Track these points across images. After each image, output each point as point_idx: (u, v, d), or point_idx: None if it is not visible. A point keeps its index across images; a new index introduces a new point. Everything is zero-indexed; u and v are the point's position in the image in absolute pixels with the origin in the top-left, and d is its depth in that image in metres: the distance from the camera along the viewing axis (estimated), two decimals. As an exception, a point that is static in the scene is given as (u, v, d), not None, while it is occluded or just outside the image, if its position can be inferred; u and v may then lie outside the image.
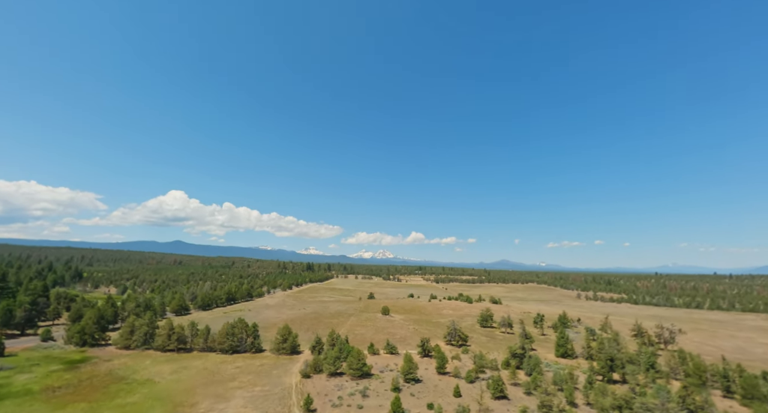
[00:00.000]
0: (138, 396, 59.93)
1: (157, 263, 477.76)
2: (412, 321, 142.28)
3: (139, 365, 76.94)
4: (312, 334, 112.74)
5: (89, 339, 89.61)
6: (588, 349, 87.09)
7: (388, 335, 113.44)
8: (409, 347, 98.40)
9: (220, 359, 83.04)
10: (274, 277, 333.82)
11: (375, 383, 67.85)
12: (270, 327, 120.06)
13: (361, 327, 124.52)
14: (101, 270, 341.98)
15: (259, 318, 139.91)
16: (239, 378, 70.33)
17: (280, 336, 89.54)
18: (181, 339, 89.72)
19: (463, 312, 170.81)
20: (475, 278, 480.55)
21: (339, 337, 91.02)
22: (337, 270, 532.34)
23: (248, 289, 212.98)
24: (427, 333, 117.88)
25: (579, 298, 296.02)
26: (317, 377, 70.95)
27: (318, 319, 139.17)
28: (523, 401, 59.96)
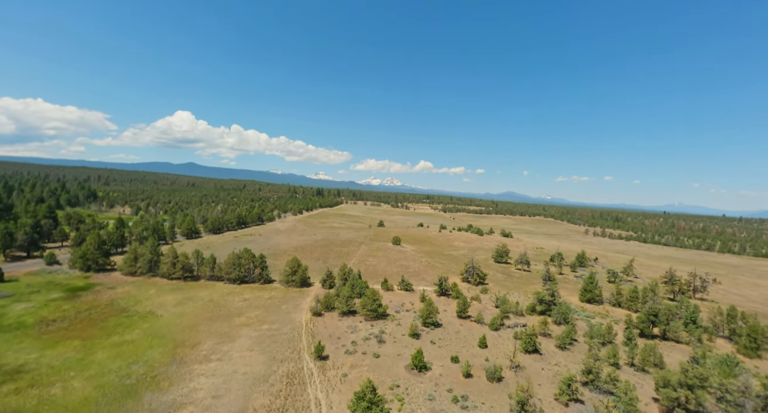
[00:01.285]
0: (137, 332, 54.53)
1: (171, 184, 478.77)
2: (424, 252, 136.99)
3: (143, 294, 71.97)
4: (322, 263, 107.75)
5: (93, 265, 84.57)
6: (617, 296, 79.39)
7: (400, 268, 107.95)
8: (424, 283, 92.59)
9: (227, 289, 77.94)
10: (285, 201, 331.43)
11: (391, 325, 61.72)
12: (280, 254, 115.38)
13: (373, 258, 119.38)
14: (116, 190, 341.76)
15: (269, 243, 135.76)
16: (246, 312, 64.88)
17: (289, 268, 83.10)
18: (187, 267, 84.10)
19: (475, 245, 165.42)
20: (483, 209, 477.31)
21: (351, 271, 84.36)
22: (347, 196, 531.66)
23: (259, 213, 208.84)
24: (440, 268, 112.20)
25: (587, 234, 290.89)
26: (329, 315, 65.14)
27: (328, 247, 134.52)
28: (556, 356, 53.29)
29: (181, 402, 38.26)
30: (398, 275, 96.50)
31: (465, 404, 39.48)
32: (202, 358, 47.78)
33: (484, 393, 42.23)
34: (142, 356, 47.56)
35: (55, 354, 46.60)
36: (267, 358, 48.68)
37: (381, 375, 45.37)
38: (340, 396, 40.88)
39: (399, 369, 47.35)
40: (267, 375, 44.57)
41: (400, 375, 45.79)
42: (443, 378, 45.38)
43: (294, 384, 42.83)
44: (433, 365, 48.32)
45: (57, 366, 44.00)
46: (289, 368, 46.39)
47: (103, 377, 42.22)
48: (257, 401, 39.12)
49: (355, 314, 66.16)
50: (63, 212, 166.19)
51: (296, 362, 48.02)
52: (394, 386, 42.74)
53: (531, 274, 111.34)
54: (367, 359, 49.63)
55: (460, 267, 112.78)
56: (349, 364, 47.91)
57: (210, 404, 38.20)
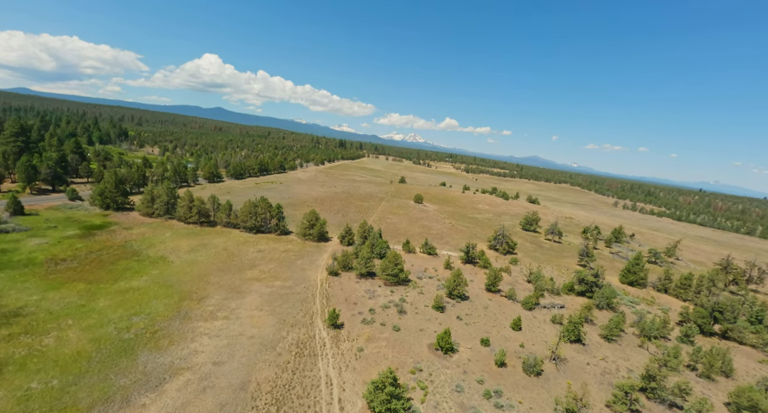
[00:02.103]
0: (145, 279, 50.07)
1: (200, 127, 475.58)
2: (447, 213, 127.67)
3: (158, 237, 67.69)
4: (341, 217, 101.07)
5: (112, 203, 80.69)
6: (664, 281, 68.80)
7: (422, 228, 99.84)
8: (447, 247, 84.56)
9: (242, 238, 72.74)
10: (308, 151, 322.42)
11: (413, 293, 54.85)
12: (299, 205, 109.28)
13: (394, 215, 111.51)
14: (148, 130, 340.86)
15: (289, 192, 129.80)
16: (259, 265, 59.49)
17: (307, 221, 76.30)
18: (203, 212, 78.90)
19: (500, 210, 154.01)
20: (506, 172, 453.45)
21: (372, 229, 76.84)
22: (368, 150, 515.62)
23: (281, 161, 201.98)
24: (465, 231, 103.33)
25: (616, 206, 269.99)
26: (346, 276, 58.85)
27: (348, 200, 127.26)
28: (601, 349, 45.24)
29: (179, 367, 33.31)
30: (420, 237, 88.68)
31: (499, 401, 32.67)
32: (208, 315, 42.77)
33: (520, 389, 35.28)
34: (146, 307, 42.99)
35: (57, 298, 42.61)
36: (277, 321, 43.18)
37: (401, 354, 39.04)
38: (354, 375, 34.94)
39: (422, 347, 40.84)
40: (275, 341, 39.08)
41: (423, 355, 39.31)
42: (472, 364, 38.58)
43: (304, 355, 37.15)
44: (461, 346, 41.46)
45: (56, 311, 39.93)
46: (299, 335, 40.72)
47: (101, 328, 37.81)
48: (262, 373, 33.71)
49: (374, 276, 59.56)
50: (93, 148, 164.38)
51: (308, 328, 42.28)
52: (416, 369, 36.33)
53: (562, 246, 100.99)
54: (386, 332, 43.30)
55: (486, 232, 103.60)
56: (365, 336, 41.77)
57: (209, 372, 33.08)
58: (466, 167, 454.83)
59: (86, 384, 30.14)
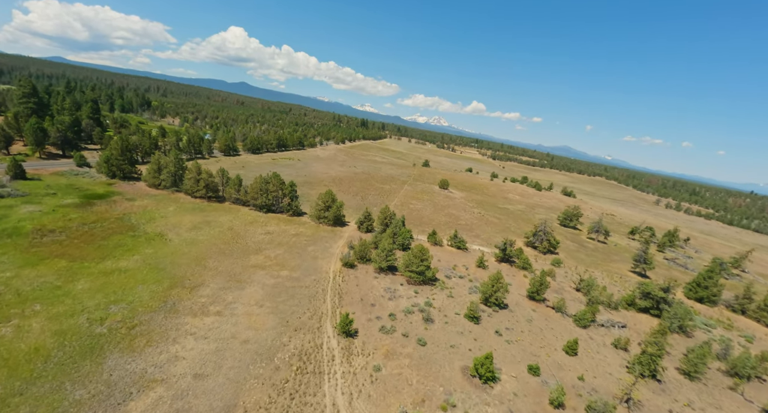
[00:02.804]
0: (135, 259, 44.10)
1: (223, 100, 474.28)
2: (475, 202, 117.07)
3: (160, 211, 61.97)
4: (360, 200, 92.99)
5: (118, 172, 75.69)
6: (743, 300, 57.01)
7: (449, 217, 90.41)
8: (478, 241, 75.14)
9: (250, 217, 66.10)
10: (329, 129, 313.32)
11: (441, 296, 46.54)
12: (316, 184, 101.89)
13: (417, 201, 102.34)
14: (171, 101, 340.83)
15: (306, 170, 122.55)
16: (265, 250, 52.58)
17: (322, 202, 68.57)
18: (211, 186, 72.61)
19: (533, 201, 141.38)
20: (536, 161, 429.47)
21: (394, 216, 68.37)
22: (391, 131, 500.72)
23: (300, 138, 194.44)
24: (496, 224, 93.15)
25: (658, 204, 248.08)
26: (363, 269, 51.11)
27: (368, 182, 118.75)
28: (682, 389, 35.63)
29: (151, 378, 26.78)
30: (447, 227, 79.55)
31: (561, 463, 24.33)
32: (199, 308, 36.19)
33: (588, 446, 26.84)
34: (129, 294, 36.85)
35: (32, 276, 37.08)
36: (278, 321, 36.11)
37: (428, 379, 31.12)
38: (368, 406, 27.38)
39: (453, 371, 32.75)
40: (274, 349, 31.99)
41: (456, 382, 31.24)
42: (519, 401, 30.21)
43: (306, 371, 29.88)
44: (503, 373, 33.05)
45: (26, 293, 34.32)
46: (303, 342, 33.48)
47: (71, 318, 31.84)
48: (252, 395, 26.70)
49: (396, 272, 51.50)
50: (112, 115, 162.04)
51: (315, 334, 34.99)
52: (448, 405, 28.32)
53: (608, 247, 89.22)
54: (409, 345, 35.41)
55: (520, 226, 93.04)
56: (384, 350, 34.06)
57: (187, 388, 26.36)
58: (492, 153, 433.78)
59: (33, 395, 24.00)
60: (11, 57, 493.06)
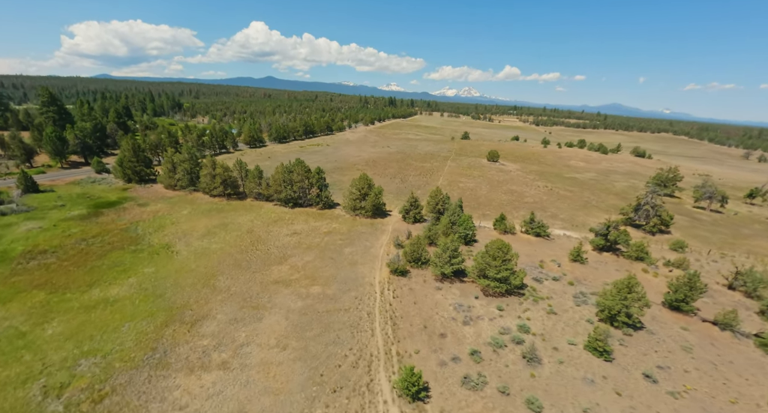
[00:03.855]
0: (130, 283, 34.50)
1: (250, 96, 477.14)
2: (535, 174, 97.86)
3: (172, 216, 52.97)
4: (400, 183, 79.01)
5: (133, 176, 68.53)
6: None
7: (510, 195, 73.56)
8: (557, 222, 58.29)
9: (275, 214, 55.16)
10: (356, 111, 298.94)
11: (538, 313, 31.95)
12: (348, 169, 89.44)
13: (467, 178, 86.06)
14: (202, 102, 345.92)
15: (336, 155, 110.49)
16: (292, 257, 41.07)
17: (357, 189, 55.64)
18: (230, 182, 62.67)
19: (602, 167, 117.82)
20: (586, 123, 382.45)
21: (448, 199, 53.79)
22: (421, 107, 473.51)
23: (328, 122, 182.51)
24: (570, 197, 74.68)
25: (748, 158, 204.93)
26: (418, 275, 37.77)
27: (405, 161, 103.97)
28: None
29: None
30: (511, 207, 63.39)
31: None
32: (198, 358, 25.27)
33: None
34: (109, 338, 26.91)
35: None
36: (308, 375, 24.15)
37: None
38: None
39: (611, 472, 18.75)
40: (302, 431, 20.10)
41: None
42: None
43: (357, 484, 17.57)
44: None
45: (-23, 346, 25.56)
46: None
47: (23, 387, 22.19)
48: None
49: (463, 277, 37.55)
50: (141, 118, 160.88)
51: (363, 398, 22.53)
52: None
53: (728, 218, 67.39)
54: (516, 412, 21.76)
55: (601, 198, 73.91)
56: (477, 426, 20.79)
57: None
58: (535, 119, 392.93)
59: None
60: (62, 79, 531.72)
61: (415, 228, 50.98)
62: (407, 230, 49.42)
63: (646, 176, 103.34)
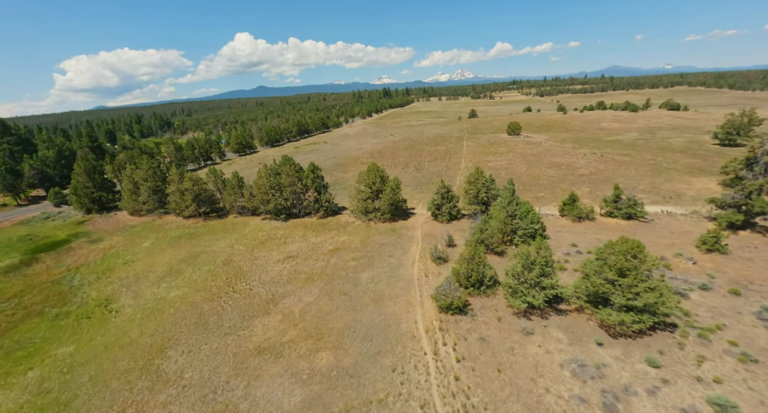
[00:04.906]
0: (27, 382, 20.92)
1: (242, 106, 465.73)
2: (570, 141, 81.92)
3: (127, 253, 39.49)
4: (415, 171, 64.43)
5: (91, 205, 55.41)
6: None
7: (557, 168, 58.14)
8: (642, 196, 42.96)
9: (263, 233, 41.24)
10: (351, 106, 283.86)
11: (725, 369, 17.18)
12: (350, 164, 75.19)
13: (494, 156, 70.76)
14: (194, 118, 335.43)
15: (336, 151, 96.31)
16: (286, 297, 27.07)
17: (366, 185, 41.24)
18: (205, 197, 48.94)
19: (641, 125, 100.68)
20: (593, 87, 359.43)
21: (493, 183, 38.98)
22: (417, 94, 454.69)
23: (323, 119, 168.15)
24: (633, 163, 58.93)
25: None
26: (483, 306, 23.31)
27: (415, 147, 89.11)
28: None
29: None
30: (566, 183, 48.38)
31: None
32: None
33: None
34: None
35: None
36: None
37: None
38: None
39: None
40: None
41: None
42: None
43: None
44: None
45: None
46: None
47: None
48: None
49: (557, 302, 22.93)
50: (123, 140, 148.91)
51: None
52: None
53: None
54: None
55: (668, 159, 58.40)
56: None
57: None
58: (537, 91, 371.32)
59: None
60: (57, 115, 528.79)
61: (455, 229, 36.46)
62: (444, 233, 34.89)
63: (702, 129, 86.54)
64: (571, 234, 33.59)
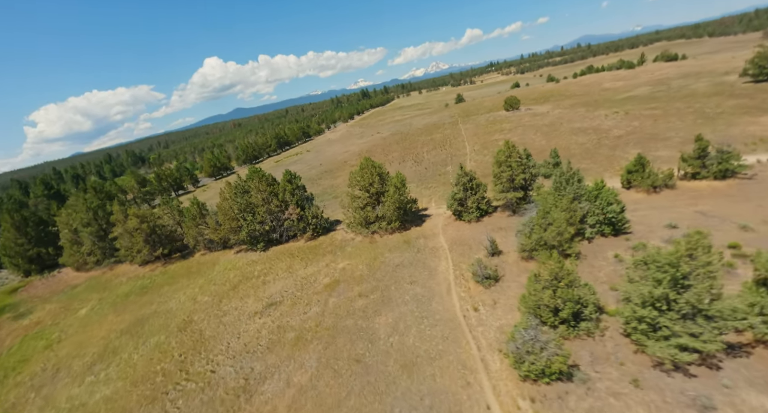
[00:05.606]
0: None
1: (220, 130, 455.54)
2: (580, 105, 73.04)
3: (52, 332, 29.18)
4: (414, 164, 54.92)
5: (26, 264, 44.99)
6: None
7: (583, 134, 48.81)
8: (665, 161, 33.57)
9: (236, 273, 31.18)
10: (331, 112, 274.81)
11: None
12: (338, 169, 65.57)
13: (501, 133, 61.38)
14: (170, 150, 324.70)
15: (321, 157, 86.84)
16: (266, 380, 17.17)
17: (361, 187, 31.50)
18: (162, 235, 38.86)
19: (648, 79, 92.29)
20: (573, 57, 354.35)
21: (529, 159, 29.32)
22: (396, 91, 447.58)
23: (303, 128, 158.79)
24: (661, 115, 49.88)
25: None
26: (587, 352, 13.55)
27: (407, 140, 79.69)
28: None
29: None
30: (606, 149, 38.94)
31: None
32: None
33: None
34: None
35: None
36: None
37: None
38: None
39: None
40: None
41: None
42: None
43: None
44: None
45: None
46: None
47: None
48: None
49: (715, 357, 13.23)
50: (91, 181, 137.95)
51: None
52: None
53: None
54: None
55: (708, 104, 49.18)
56: None
57: None
58: (518, 68, 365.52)
59: None
60: (30, 169, 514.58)
61: (492, 228, 26.79)
62: (481, 236, 25.19)
63: (716, 72, 78.31)
64: (655, 211, 24.08)
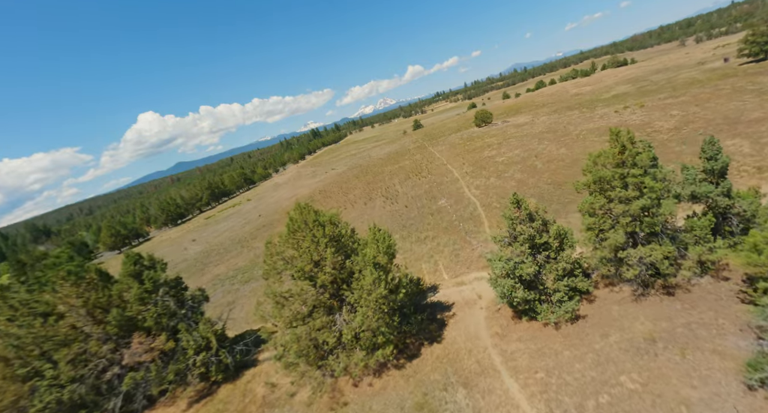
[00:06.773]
0: None
1: (156, 188, 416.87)
2: (565, 109, 64.50)
3: None
4: (385, 202, 38.82)
5: None
6: None
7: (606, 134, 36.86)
8: None
9: None
10: (281, 154, 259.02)
11: None
12: (281, 220, 47.85)
13: (491, 149, 48.71)
14: (92, 217, 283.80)
15: (262, 206, 69.03)
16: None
17: (301, 274, 14.71)
18: None
19: (617, 80, 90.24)
20: (514, 80, 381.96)
21: (649, 147, 14.57)
22: (348, 128, 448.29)
23: (245, 174, 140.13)
24: (692, 100, 40.06)
25: (685, 45, 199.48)
26: None
27: (369, 173, 65.14)
28: None
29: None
30: (659, 149, 25.91)
31: None
32: None
33: None
34: None
35: None
36: None
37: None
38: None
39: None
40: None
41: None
42: None
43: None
44: None
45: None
46: None
47: None
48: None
49: None
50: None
51: None
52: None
53: None
54: None
55: (731, 85, 40.03)
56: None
57: None
58: (465, 95, 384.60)
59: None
60: None
61: (631, 337, 10.73)
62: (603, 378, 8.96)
63: (688, 65, 75.83)
64: None
